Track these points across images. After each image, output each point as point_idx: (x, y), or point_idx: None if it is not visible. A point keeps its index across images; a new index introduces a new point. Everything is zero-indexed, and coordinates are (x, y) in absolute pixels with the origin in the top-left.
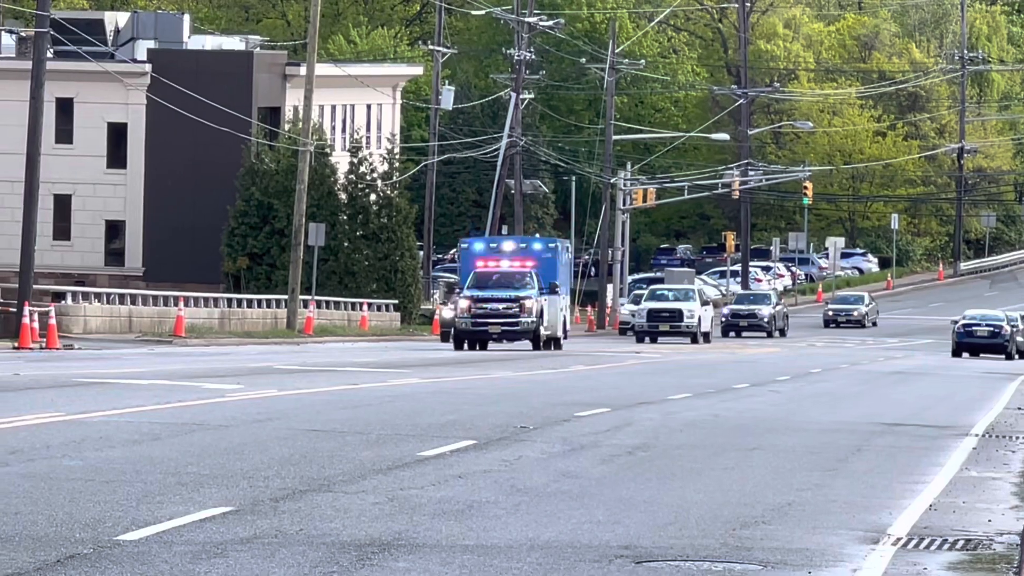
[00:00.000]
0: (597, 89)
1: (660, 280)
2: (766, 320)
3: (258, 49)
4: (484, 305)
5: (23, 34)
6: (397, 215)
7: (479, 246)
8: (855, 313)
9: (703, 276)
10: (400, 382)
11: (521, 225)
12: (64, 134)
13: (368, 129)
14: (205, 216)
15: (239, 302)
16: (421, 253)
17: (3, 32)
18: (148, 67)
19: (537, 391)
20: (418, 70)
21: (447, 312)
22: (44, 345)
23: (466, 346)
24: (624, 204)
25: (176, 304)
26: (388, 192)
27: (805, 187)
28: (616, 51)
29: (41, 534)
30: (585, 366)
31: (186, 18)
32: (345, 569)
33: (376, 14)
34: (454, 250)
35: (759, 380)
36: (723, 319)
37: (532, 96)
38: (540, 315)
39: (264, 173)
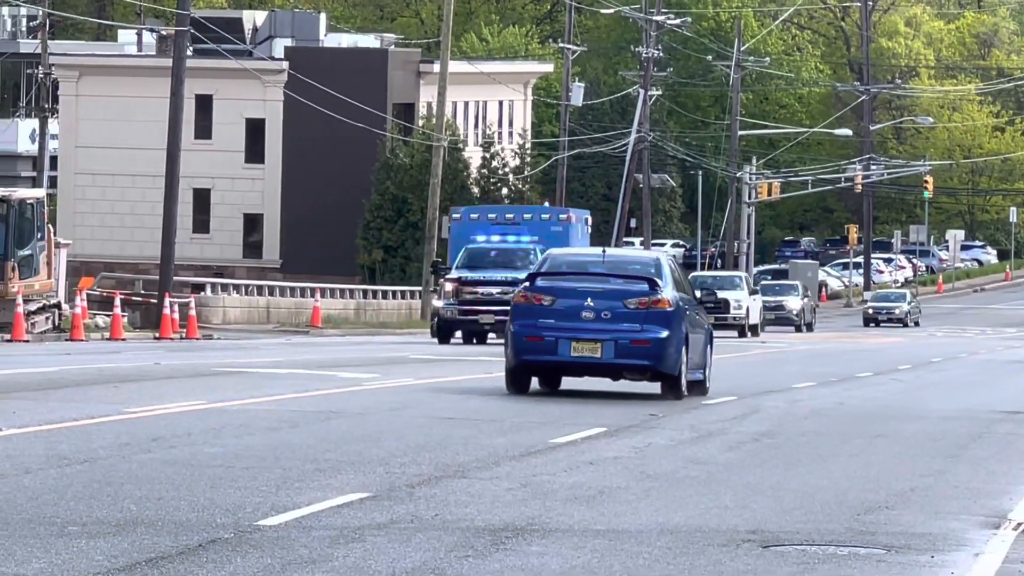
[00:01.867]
0: (723, 86)
1: (785, 273)
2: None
3: (393, 47)
4: (474, 289)
5: (164, 33)
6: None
7: (474, 216)
8: (896, 311)
9: (826, 268)
10: None
11: (649, 218)
12: (203, 130)
13: (500, 125)
14: (341, 210)
15: (374, 293)
16: None
17: (144, 31)
18: (285, 64)
19: None
20: (548, 67)
21: (436, 301)
22: (184, 335)
23: (457, 338)
24: (749, 198)
25: (312, 295)
26: (519, 186)
27: (926, 181)
28: (741, 49)
29: (183, 519)
30: (741, 352)
31: (322, 16)
32: (480, 553)
33: (507, 13)
34: None
35: (881, 369)
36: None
37: (660, 92)
38: None
39: (398, 168)
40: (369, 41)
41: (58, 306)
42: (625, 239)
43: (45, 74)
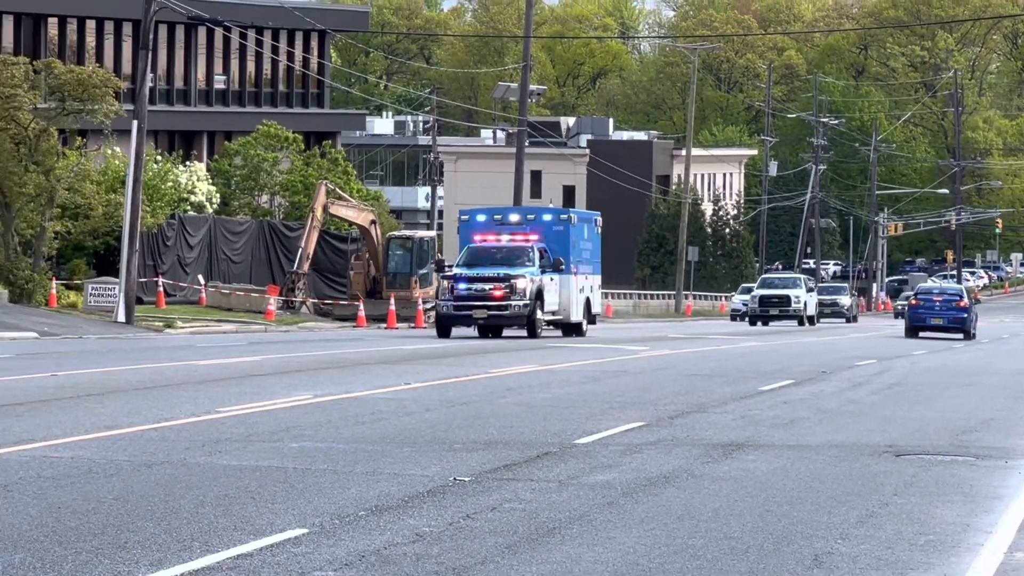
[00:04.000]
0: (865, 162)
1: (905, 282)
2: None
3: (656, 139)
4: (469, 285)
5: (510, 131)
6: (742, 241)
7: (481, 218)
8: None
9: (933, 278)
10: (746, 344)
11: (819, 247)
12: (535, 192)
13: (724, 188)
14: (624, 243)
15: (644, 296)
16: (757, 264)
17: (498, 130)
18: (587, 151)
19: (826, 351)
20: (754, 152)
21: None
22: None
23: (454, 332)
24: (882, 234)
25: (606, 297)
26: (737, 227)
27: (997, 221)
28: (877, 138)
29: (526, 440)
30: (862, 333)
31: (611, 120)
32: (715, 460)
33: (728, 116)
34: (778, 262)
35: (970, 343)
36: None
37: (825, 167)
38: (537, 297)
39: (660, 217)
40: (640, 136)
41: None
42: (803, 261)
43: (434, 157)
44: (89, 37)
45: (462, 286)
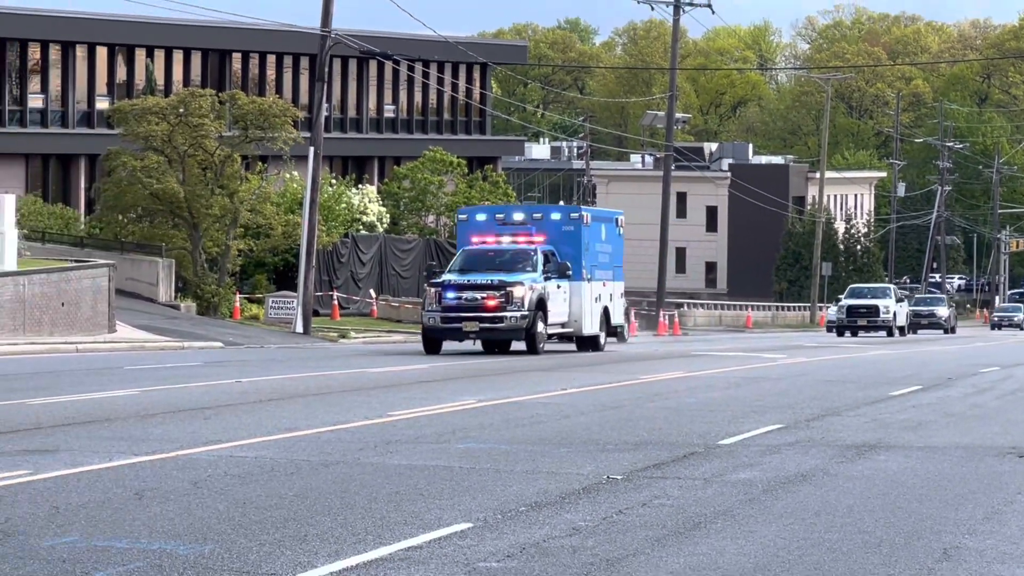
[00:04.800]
0: (988, 183)
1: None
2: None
3: (792, 163)
4: (458, 294)
5: (657, 155)
6: (872, 257)
7: (481, 217)
8: (1015, 318)
9: None
10: (876, 352)
11: (944, 262)
12: (681, 212)
13: (855, 208)
14: (763, 259)
15: (782, 308)
16: (887, 278)
17: (646, 155)
18: (728, 174)
19: (950, 360)
20: (883, 174)
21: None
22: (671, 333)
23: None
24: (1004, 250)
25: (746, 309)
26: (867, 244)
27: None
28: (1000, 160)
29: (673, 441)
30: (984, 343)
31: (750, 145)
32: (849, 459)
33: (859, 142)
34: (905, 277)
35: None
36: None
37: (950, 188)
38: (538, 307)
39: (796, 235)
40: (778, 160)
41: None
42: (929, 276)
43: (587, 180)
44: (270, 71)
45: (450, 295)
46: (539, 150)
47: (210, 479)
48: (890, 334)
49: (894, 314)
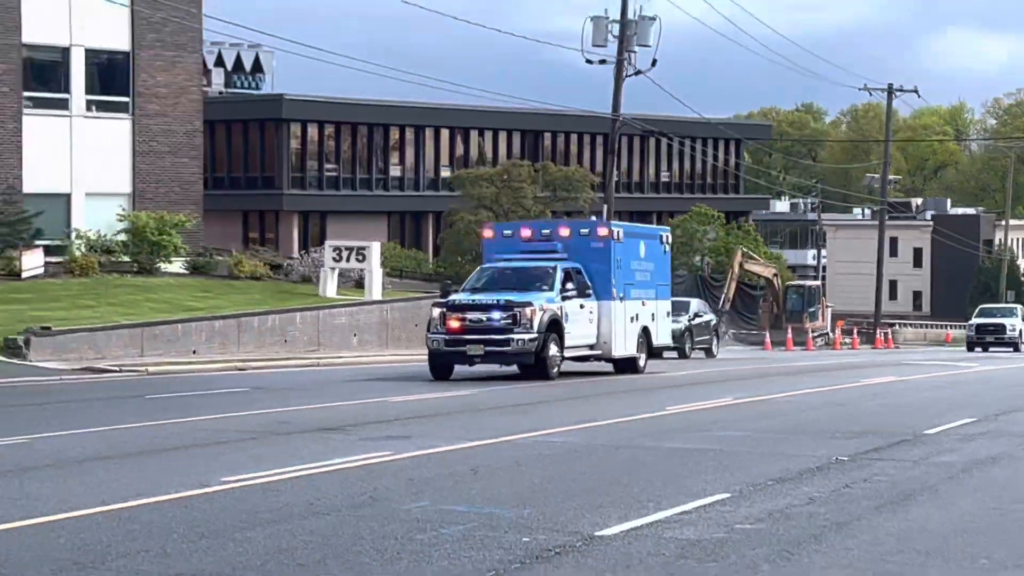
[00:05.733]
0: None
1: None
2: None
3: (981, 212)
4: (462, 315)
5: (874, 209)
6: None
7: (507, 233)
8: None
9: None
10: None
11: None
12: (893, 252)
13: None
14: (959, 289)
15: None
16: None
17: (865, 208)
18: (931, 223)
19: None
20: None
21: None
22: (886, 346)
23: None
24: None
25: (945, 328)
26: None
27: None
28: None
29: (888, 431)
30: None
31: (948, 200)
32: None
33: None
34: None
35: None
36: None
37: None
38: (550, 328)
39: (985, 269)
40: (971, 211)
41: (826, 335)
42: None
43: (819, 229)
44: (572, 146)
45: (454, 316)
46: (781, 205)
47: (527, 459)
48: (1016, 350)
49: (1020, 332)
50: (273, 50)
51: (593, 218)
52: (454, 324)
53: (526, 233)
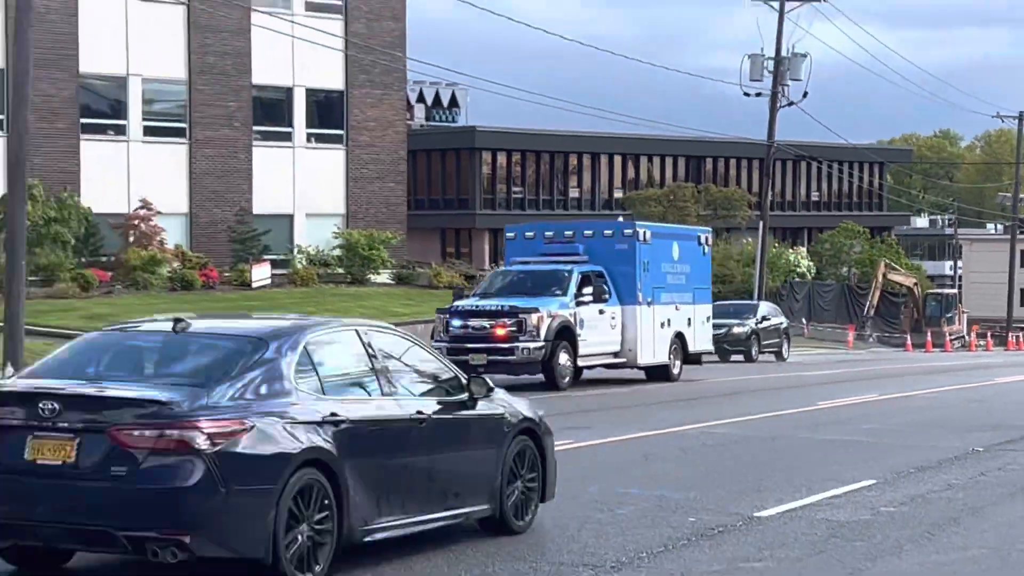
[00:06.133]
0: None
1: None
2: None
3: None
4: (464, 322)
5: (1006, 224)
6: None
7: (529, 235)
8: None
9: None
10: None
11: None
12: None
13: None
14: None
15: None
16: None
17: (997, 224)
18: None
19: None
20: None
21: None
22: (1018, 348)
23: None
24: None
25: None
26: None
27: None
28: None
29: (1020, 424)
30: None
31: None
32: None
33: None
34: None
35: None
36: None
37: None
38: (560, 336)
39: None
40: None
41: (962, 338)
42: None
43: (955, 242)
44: (731, 169)
45: (456, 323)
46: (920, 222)
47: (692, 448)
48: None
49: None
50: (467, 88)
51: (620, 219)
52: (456, 331)
53: (548, 234)
